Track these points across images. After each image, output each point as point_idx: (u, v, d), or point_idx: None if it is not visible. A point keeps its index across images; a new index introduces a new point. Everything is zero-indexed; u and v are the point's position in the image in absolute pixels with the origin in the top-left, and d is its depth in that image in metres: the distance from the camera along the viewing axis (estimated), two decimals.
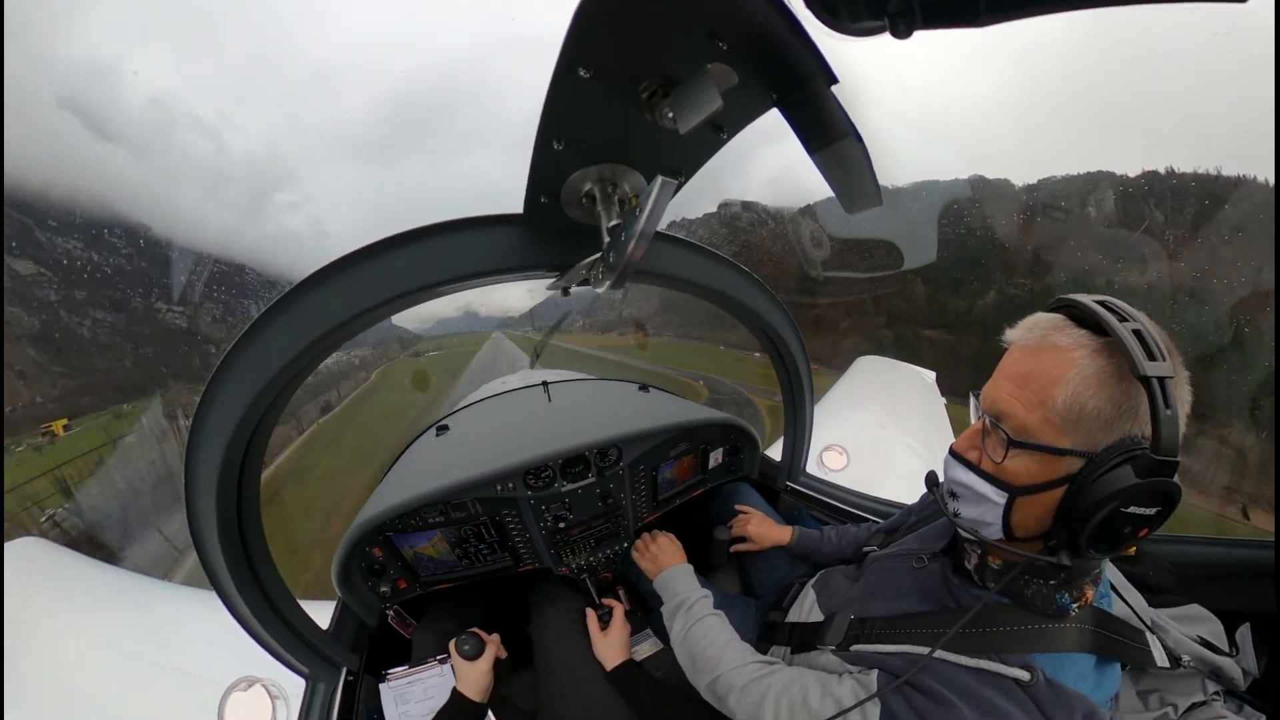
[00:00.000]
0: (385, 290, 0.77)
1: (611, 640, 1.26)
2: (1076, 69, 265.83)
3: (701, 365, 44.44)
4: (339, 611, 1.40)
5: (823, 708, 0.74)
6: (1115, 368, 0.60)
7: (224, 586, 1.00)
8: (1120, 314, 0.61)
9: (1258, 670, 0.84)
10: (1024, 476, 0.65)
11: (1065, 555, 0.64)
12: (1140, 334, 0.58)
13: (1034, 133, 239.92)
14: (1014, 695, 0.64)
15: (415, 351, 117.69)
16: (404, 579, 1.43)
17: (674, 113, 0.52)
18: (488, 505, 1.42)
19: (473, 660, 1.21)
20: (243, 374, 0.80)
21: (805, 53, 0.50)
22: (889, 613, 0.85)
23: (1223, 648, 0.85)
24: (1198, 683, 0.81)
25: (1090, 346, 0.62)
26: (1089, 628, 0.70)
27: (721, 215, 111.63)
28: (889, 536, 1.15)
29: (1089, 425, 0.61)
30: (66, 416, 39.88)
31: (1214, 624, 0.88)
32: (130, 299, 75.98)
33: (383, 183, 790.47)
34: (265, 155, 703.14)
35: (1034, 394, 0.64)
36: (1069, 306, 0.67)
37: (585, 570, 1.58)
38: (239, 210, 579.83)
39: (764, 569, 1.48)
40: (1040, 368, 0.64)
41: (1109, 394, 0.60)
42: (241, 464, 0.91)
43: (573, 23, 0.44)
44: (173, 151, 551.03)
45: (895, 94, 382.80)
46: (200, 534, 0.93)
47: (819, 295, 47.70)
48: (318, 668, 1.22)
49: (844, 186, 0.68)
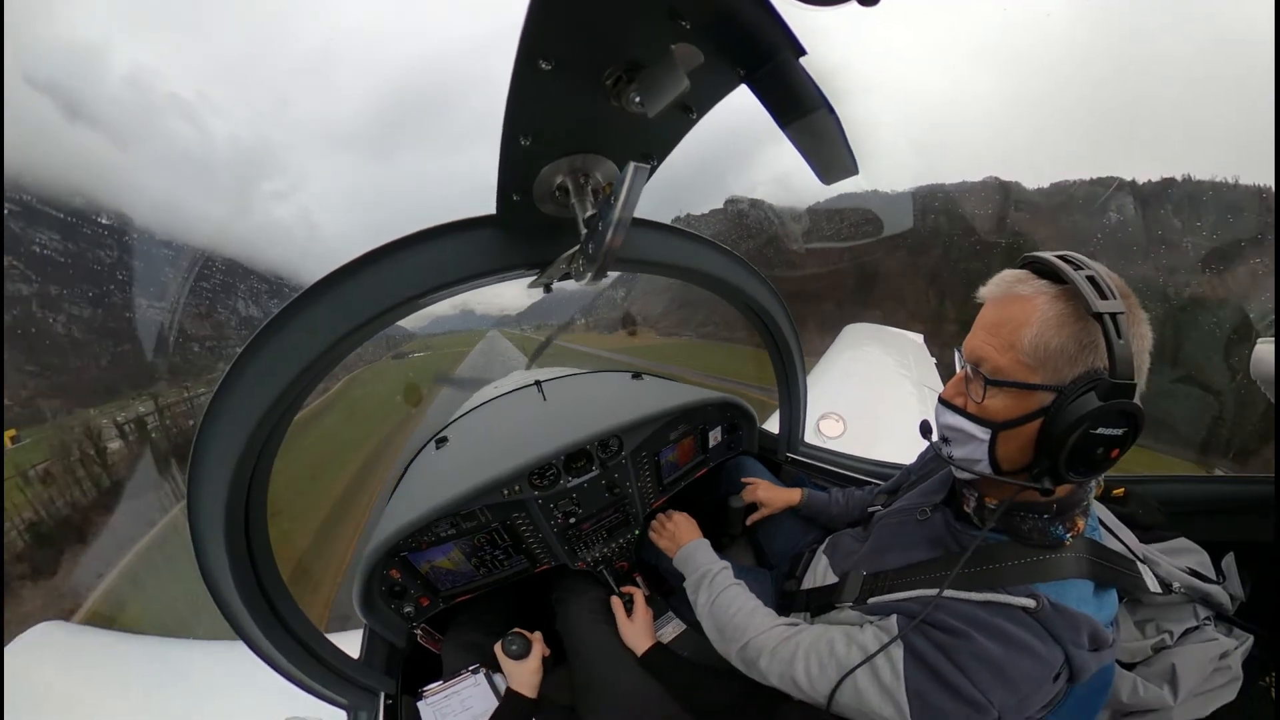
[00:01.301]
0: (361, 313, 0.75)
1: (638, 626, 1.29)
2: (1078, 72, 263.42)
3: (729, 369, 33.60)
4: (367, 638, 1.40)
5: (850, 656, 0.78)
6: (1073, 309, 0.66)
7: (249, 634, 0.99)
8: (1076, 264, 0.67)
9: (1244, 595, 0.90)
10: (1003, 413, 0.71)
11: (1048, 480, 0.69)
12: (1093, 279, 0.64)
13: (1043, 133, 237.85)
14: (1024, 621, 0.69)
15: (399, 353, 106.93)
16: (425, 596, 1.44)
17: (641, 97, 0.51)
18: (497, 511, 1.42)
19: (522, 659, 1.24)
20: (230, 421, 0.79)
21: (770, 25, 0.49)
22: (900, 564, 0.89)
23: (1211, 576, 0.91)
24: (1189, 610, 0.87)
25: (1050, 293, 0.68)
26: (1085, 556, 0.75)
27: (729, 211, 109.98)
28: (891, 496, 1.19)
29: (1055, 361, 0.67)
30: (17, 426, 36.34)
31: (1201, 555, 0.94)
32: (109, 293, 72.57)
33: (376, 176, 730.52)
34: (253, 142, 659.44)
35: (1004, 339, 0.70)
36: (1033, 262, 0.73)
37: (601, 562, 1.60)
38: (226, 199, 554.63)
39: (776, 536, 1.51)
40: (1008, 315, 0.71)
41: (1069, 332, 0.66)
42: (246, 508, 0.90)
43: (529, 14, 0.43)
44: (154, 136, 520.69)
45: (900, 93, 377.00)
46: (215, 583, 0.92)
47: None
48: (356, 697, 1.23)
49: (819, 158, 0.68)
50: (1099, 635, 0.71)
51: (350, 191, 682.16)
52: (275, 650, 1.02)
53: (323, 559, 13.00)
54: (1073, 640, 0.69)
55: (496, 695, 1.28)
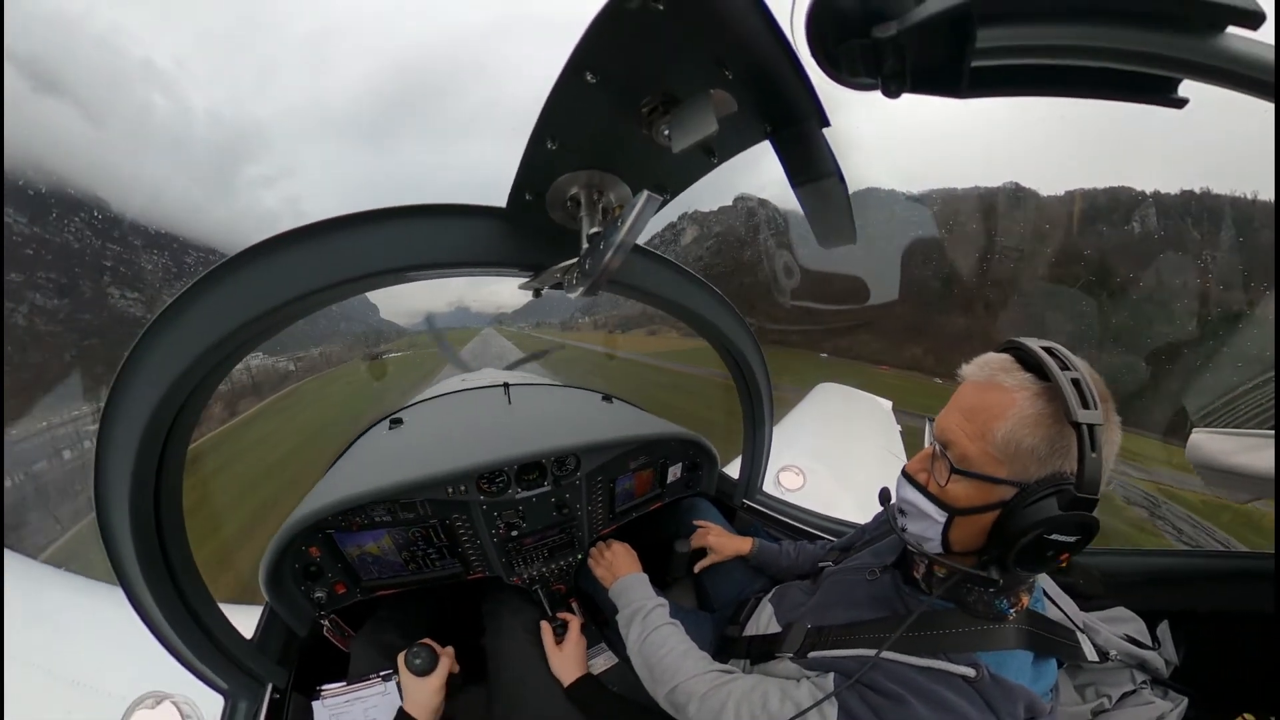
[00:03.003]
0: (351, 267, 0.72)
1: (568, 655, 1.23)
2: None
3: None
4: (265, 619, 1.27)
5: (782, 710, 0.76)
6: (1052, 411, 0.66)
7: (132, 584, 0.88)
8: (1062, 361, 0.67)
9: (1178, 660, 0.97)
10: (963, 500, 0.72)
11: (995, 570, 0.71)
12: (1078, 383, 0.64)
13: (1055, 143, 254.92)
14: (962, 690, 0.70)
15: (371, 354, 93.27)
16: (342, 583, 1.33)
17: (671, 131, 0.53)
18: (438, 508, 1.35)
19: (424, 676, 1.12)
20: (171, 345, 0.72)
21: (803, 94, 0.52)
22: (845, 621, 0.89)
23: (1146, 642, 0.96)
24: (1127, 674, 0.92)
25: (1031, 390, 0.68)
26: (1025, 628, 0.77)
27: (738, 208, 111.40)
28: (844, 554, 1.20)
29: (1024, 459, 0.67)
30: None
31: (1138, 623, 1.00)
32: (77, 282, 65.99)
33: (370, 164, 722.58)
34: (239, 124, 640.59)
35: (978, 427, 0.70)
36: (1017, 349, 0.73)
37: (538, 581, 1.54)
38: (205, 182, 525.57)
39: (721, 582, 1.49)
40: (985, 404, 0.71)
41: (1044, 434, 0.66)
42: (163, 447, 0.82)
43: (590, 27, 0.44)
44: (130, 109, 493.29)
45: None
46: (109, 518, 0.82)
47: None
48: (238, 683, 1.10)
49: (822, 221, 0.71)
50: (1035, 706, 0.72)
51: (341, 180, 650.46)
52: (157, 607, 0.90)
53: (248, 526, 11.84)
54: (1009, 712, 0.69)
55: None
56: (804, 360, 46.93)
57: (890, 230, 60.46)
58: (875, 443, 3.82)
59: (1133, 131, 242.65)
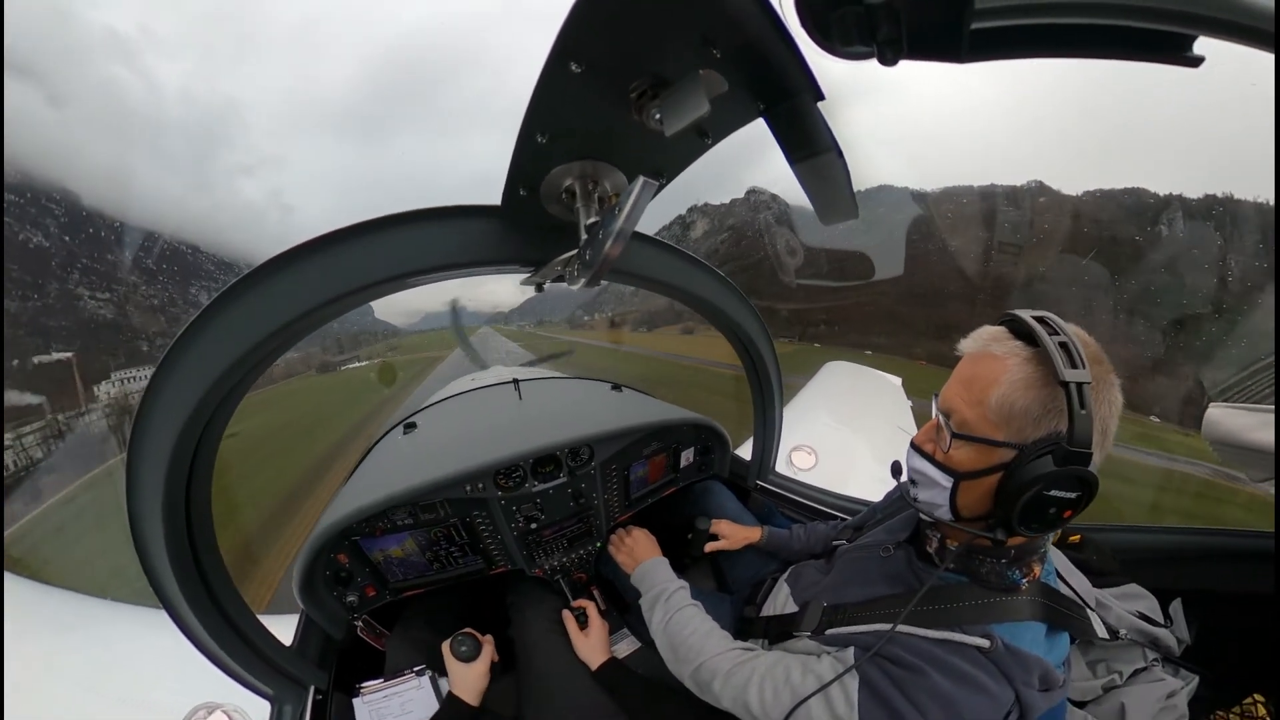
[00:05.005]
0: (356, 277, 0.73)
1: (592, 640, 1.26)
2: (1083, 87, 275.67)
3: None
4: (302, 625, 1.32)
5: (805, 684, 0.78)
6: (1042, 374, 0.69)
7: (174, 604, 0.92)
8: (1052, 328, 0.69)
9: (1190, 638, 0.96)
10: (967, 464, 0.75)
11: (1001, 531, 0.72)
12: (1066, 345, 0.66)
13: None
14: (978, 661, 0.72)
15: (324, 364, 71.49)
16: (372, 586, 1.37)
17: (662, 115, 0.52)
18: (458, 506, 1.38)
19: (469, 662, 1.18)
20: (192, 367, 0.75)
21: (795, 67, 0.51)
22: (860, 598, 0.90)
23: (1159, 620, 0.96)
24: (1138, 652, 0.92)
25: (1021, 355, 0.71)
26: (1038, 600, 0.78)
27: (750, 201, 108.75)
28: (856, 532, 1.20)
29: (1019, 421, 0.70)
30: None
31: (1150, 600, 1.00)
32: (43, 283, 64.97)
33: (360, 157, 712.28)
34: (213, 103, 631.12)
35: (975, 394, 0.73)
36: (1011, 320, 0.76)
37: (559, 571, 1.57)
38: (185, 174, 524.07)
39: (738, 564, 1.51)
40: (980, 372, 0.74)
41: (1035, 395, 0.69)
42: (190, 467, 0.85)
43: (569, 16, 0.43)
44: (95, 90, 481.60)
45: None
46: (145, 546, 0.86)
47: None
48: (282, 688, 1.15)
49: (822, 198, 0.70)
50: (1050, 676, 0.73)
51: (329, 172, 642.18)
52: (199, 624, 0.95)
53: (272, 538, 12.18)
54: (1024, 680, 0.71)
55: (439, 701, 1.22)
56: (848, 356, 46.94)
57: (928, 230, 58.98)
58: (885, 419, 3.80)
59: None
